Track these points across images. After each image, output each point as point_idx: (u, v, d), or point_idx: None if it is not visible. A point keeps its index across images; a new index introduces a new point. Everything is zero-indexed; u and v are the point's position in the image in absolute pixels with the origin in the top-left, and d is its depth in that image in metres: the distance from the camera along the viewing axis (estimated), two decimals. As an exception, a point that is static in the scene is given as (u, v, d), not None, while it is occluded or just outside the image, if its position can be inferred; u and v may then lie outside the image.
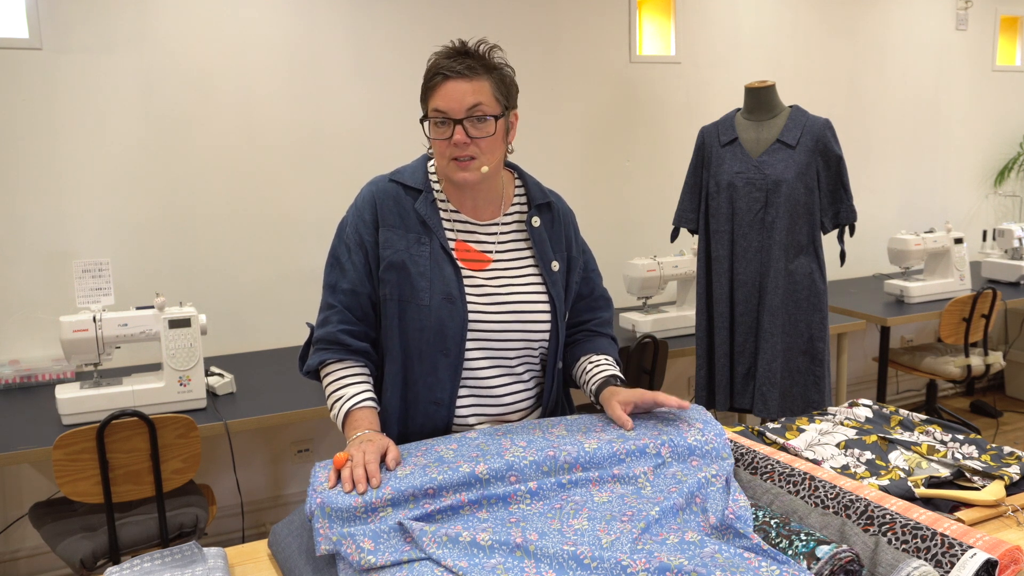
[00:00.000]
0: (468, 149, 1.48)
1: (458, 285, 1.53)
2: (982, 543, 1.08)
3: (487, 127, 1.49)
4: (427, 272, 1.52)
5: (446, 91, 1.47)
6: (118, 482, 2.22)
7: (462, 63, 1.48)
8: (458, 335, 1.51)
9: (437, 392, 1.53)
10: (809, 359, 2.74)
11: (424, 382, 1.54)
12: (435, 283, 1.52)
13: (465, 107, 1.47)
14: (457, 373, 1.53)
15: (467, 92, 1.47)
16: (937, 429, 1.63)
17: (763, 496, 1.29)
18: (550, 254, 1.61)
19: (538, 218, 1.62)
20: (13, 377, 2.75)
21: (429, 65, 1.52)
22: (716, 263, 2.82)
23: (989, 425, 4.46)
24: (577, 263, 1.66)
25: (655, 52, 3.96)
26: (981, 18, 4.85)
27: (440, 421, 1.55)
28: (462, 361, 1.53)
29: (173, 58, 2.99)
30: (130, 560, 1.24)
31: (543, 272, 1.59)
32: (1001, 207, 5.17)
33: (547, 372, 1.63)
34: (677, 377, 4.14)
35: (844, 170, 2.71)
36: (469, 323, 1.52)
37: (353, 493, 1.22)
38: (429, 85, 1.50)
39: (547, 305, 1.58)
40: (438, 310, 1.51)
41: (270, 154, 3.19)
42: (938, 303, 3.78)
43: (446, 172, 1.53)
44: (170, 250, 3.07)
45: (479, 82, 1.48)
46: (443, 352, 1.52)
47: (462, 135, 1.47)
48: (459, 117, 1.47)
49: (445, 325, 1.51)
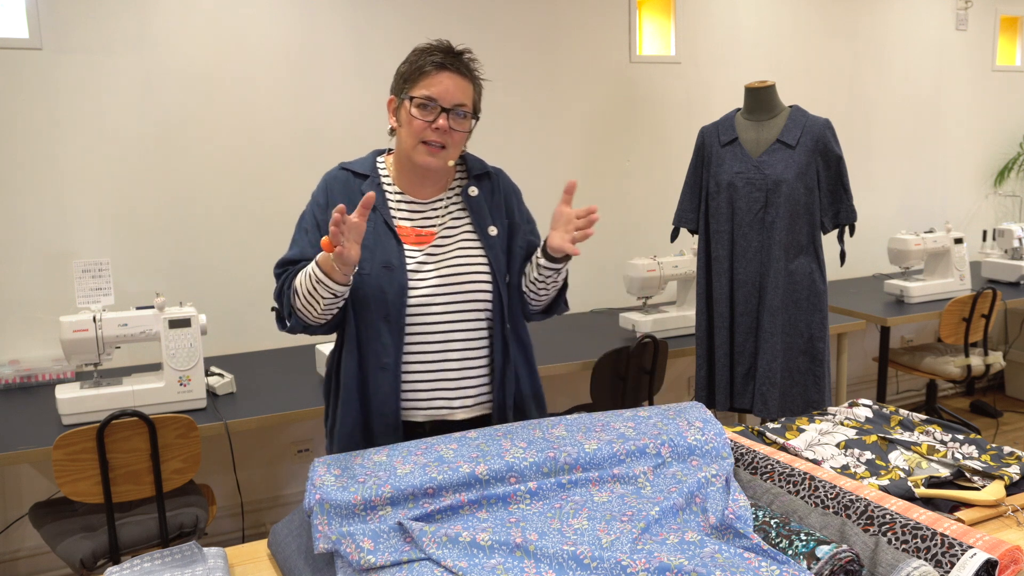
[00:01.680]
0: (444, 137, 1.61)
1: (399, 255, 1.63)
2: (982, 543, 1.08)
3: (465, 124, 1.64)
4: (370, 244, 1.63)
5: (441, 80, 1.60)
6: (118, 482, 2.22)
7: (458, 61, 1.62)
8: (398, 301, 1.61)
9: (383, 357, 1.63)
10: (809, 359, 2.74)
11: (371, 347, 1.64)
12: (376, 254, 1.63)
13: (454, 100, 1.61)
14: (400, 338, 1.63)
15: (458, 88, 1.61)
16: (937, 429, 1.63)
17: (763, 496, 1.29)
18: (488, 219, 1.71)
19: (476, 188, 1.73)
20: (13, 377, 2.75)
21: (418, 52, 1.63)
22: (716, 263, 2.82)
23: (989, 425, 4.46)
24: (520, 229, 1.75)
25: (655, 52, 3.97)
26: (981, 18, 4.86)
27: (389, 384, 1.64)
28: (403, 326, 1.63)
29: (173, 58, 2.99)
30: (130, 560, 1.24)
31: (480, 237, 1.69)
32: (1001, 207, 5.17)
33: (494, 335, 1.70)
34: (677, 377, 4.14)
35: (844, 170, 2.71)
36: (409, 289, 1.62)
37: (352, 490, 1.22)
38: (422, 71, 1.61)
39: (486, 268, 1.67)
40: (377, 278, 1.61)
41: (270, 154, 3.19)
42: (938, 303, 3.78)
43: (411, 154, 1.63)
44: (170, 250, 3.07)
45: (467, 83, 1.64)
46: (384, 318, 1.62)
47: (445, 123, 1.60)
48: (448, 106, 1.60)
49: (385, 292, 1.61)
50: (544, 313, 1.81)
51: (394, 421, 1.65)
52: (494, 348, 1.70)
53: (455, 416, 1.70)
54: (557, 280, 1.70)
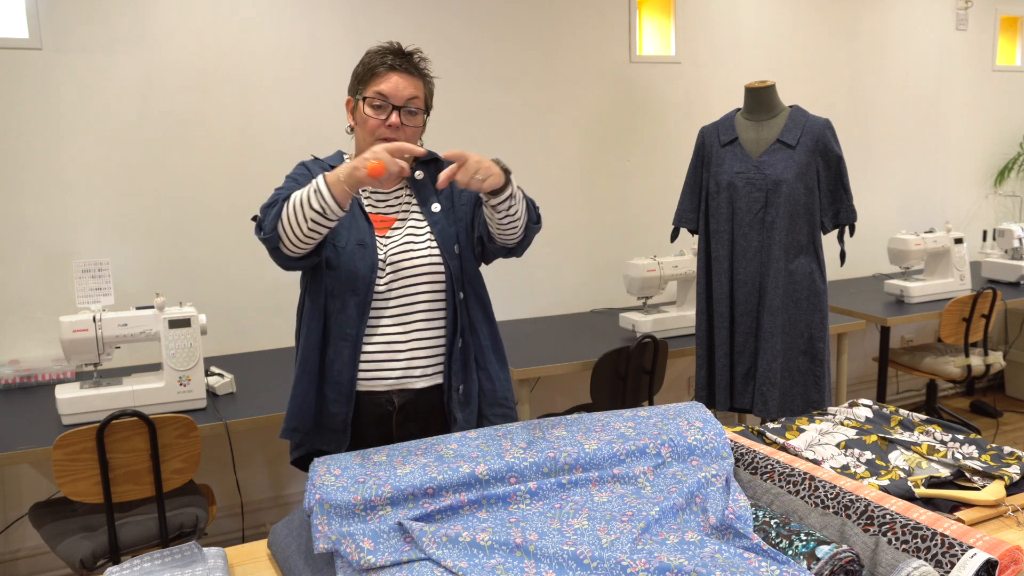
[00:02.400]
0: (396, 134, 1.72)
1: (371, 235, 1.75)
2: (982, 543, 1.08)
3: (416, 120, 1.77)
4: (346, 222, 1.76)
5: (391, 80, 1.73)
6: (118, 482, 2.22)
7: (407, 62, 1.75)
8: (367, 277, 1.72)
9: (347, 328, 1.73)
10: (809, 359, 2.74)
11: (336, 319, 1.73)
12: (352, 231, 1.75)
13: (405, 97, 1.73)
14: (364, 312, 1.73)
15: (408, 86, 1.74)
16: (937, 429, 1.63)
17: (763, 496, 1.29)
18: (433, 198, 1.82)
19: (422, 172, 1.83)
20: (13, 377, 2.75)
21: (371, 55, 1.76)
22: (716, 263, 2.82)
23: (989, 425, 4.46)
24: (461, 198, 1.84)
25: (655, 52, 3.97)
26: (981, 18, 4.86)
27: (348, 354, 1.73)
28: (370, 300, 1.73)
29: (173, 58, 2.99)
30: (130, 560, 1.24)
31: (426, 215, 1.80)
32: (1001, 207, 5.17)
33: (448, 302, 1.79)
34: (677, 377, 4.14)
35: (844, 170, 2.71)
36: (378, 267, 1.73)
37: (352, 490, 1.22)
38: (374, 72, 1.74)
39: (432, 242, 1.77)
40: (352, 253, 1.72)
41: (270, 154, 3.19)
42: (938, 303, 3.78)
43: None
44: (170, 250, 3.07)
45: (417, 81, 1.76)
46: (353, 291, 1.72)
47: (397, 120, 1.72)
48: (399, 104, 1.73)
49: (357, 267, 1.72)
50: (523, 240, 1.79)
51: (349, 390, 1.75)
52: (447, 320, 1.79)
53: (415, 385, 1.78)
54: (516, 207, 1.67)
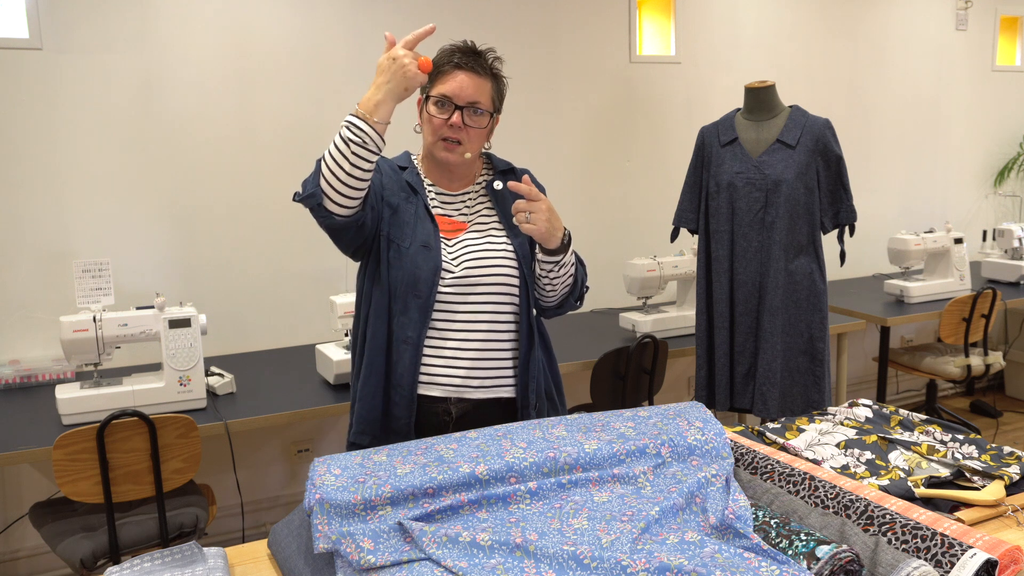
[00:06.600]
0: (459, 133, 1.71)
1: (435, 238, 1.73)
2: (982, 543, 1.08)
3: (481, 120, 1.73)
4: (411, 222, 1.74)
5: (457, 80, 1.69)
6: (118, 482, 2.22)
7: (475, 61, 1.71)
8: (430, 280, 1.70)
9: (408, 330, 1.71)
10: (809, 359, 2.74)
11: (398, 320, 1.72)
12: (417, 232, 1.73)
13: (467, 98, 1.70)
14: (426, 315, 1.71)
15: (473, 86, 1.70)
16: (937, 429, 1.63)
17: (763, 496, 1.29)
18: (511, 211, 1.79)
19: (500, 182, 1.83)
20: (13, 377, 2.75)
21: (441, 52, 1.73)
22: (716, 263, 2.82)
23: (989, 425, 4.46)
24: None
25: (655, 52, 3.97)
26: (981, 18, 4.86)
27: (409, 357, 1.72)
28: (432, 304, 1.71)
29: (173, 58, 2.99)
30: (130, 560, 1.24)
31: (507, 229, 1.79)
32: (1001, 207, 5.17)
33: (520, 322, 1.79)
34: (677, 377, 4.14)
35: (844, 170, 2.71)
36: (442, 271, 1.71)
37: (352, 489, 1.22)
38: (441, 70, 1.71)
39: (513, 258, 1.76)
40: (415, 255, 1.71)
41: (270, 154, 3.19)
42: (938, 303, 3.78)
43: (432, 149, 1.75)
44: (170, 250, 3.07)
45: (484, 82, 1.72)
46: (415, 294, 1.70)
47: (459, 120, 1.69)
48: (462, 104, 1.69)
49: (419, 268, 1.70)
50: (557, 309, 1.86)
51: (410, 394, 1.73)
52: (521, 334, 1.79)
53: (473, 395, 1.77)
54: (558, 273, 1.75)
